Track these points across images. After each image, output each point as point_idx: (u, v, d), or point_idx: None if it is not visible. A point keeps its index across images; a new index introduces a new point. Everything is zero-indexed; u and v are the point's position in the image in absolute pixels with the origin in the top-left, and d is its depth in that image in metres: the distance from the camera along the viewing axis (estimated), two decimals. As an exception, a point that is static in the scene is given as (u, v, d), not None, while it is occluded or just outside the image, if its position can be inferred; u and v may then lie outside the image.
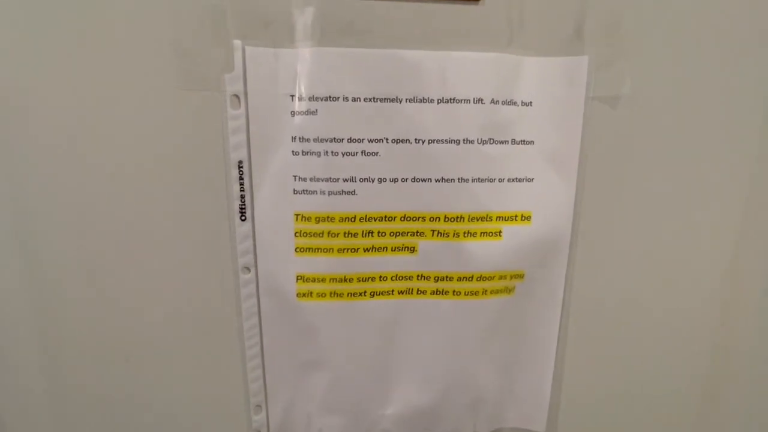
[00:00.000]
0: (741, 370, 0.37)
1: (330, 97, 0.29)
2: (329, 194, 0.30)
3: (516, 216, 0.32)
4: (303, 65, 0.28)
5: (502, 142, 0.31)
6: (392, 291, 0.33)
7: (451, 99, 0.29)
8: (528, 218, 0.32)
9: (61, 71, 0.27)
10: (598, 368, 0.36)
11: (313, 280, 0.32)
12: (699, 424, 0.38)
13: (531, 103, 0.30)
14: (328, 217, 0.31)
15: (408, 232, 0.32)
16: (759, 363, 0.37)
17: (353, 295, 0.32)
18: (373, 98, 0.29)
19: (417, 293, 0.33)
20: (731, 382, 0.37)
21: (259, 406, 0.35)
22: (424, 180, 0.31)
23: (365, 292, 0.32)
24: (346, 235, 0.31)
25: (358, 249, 0.32)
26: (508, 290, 0.33)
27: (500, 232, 0.32)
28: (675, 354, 0.37)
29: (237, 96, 0.29)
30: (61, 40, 0.27)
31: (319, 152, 0.30)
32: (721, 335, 0.36)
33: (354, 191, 0.30)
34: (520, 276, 0.33)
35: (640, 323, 0.36)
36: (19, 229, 0.30)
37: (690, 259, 0.34)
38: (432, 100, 0.29)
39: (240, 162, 0.30)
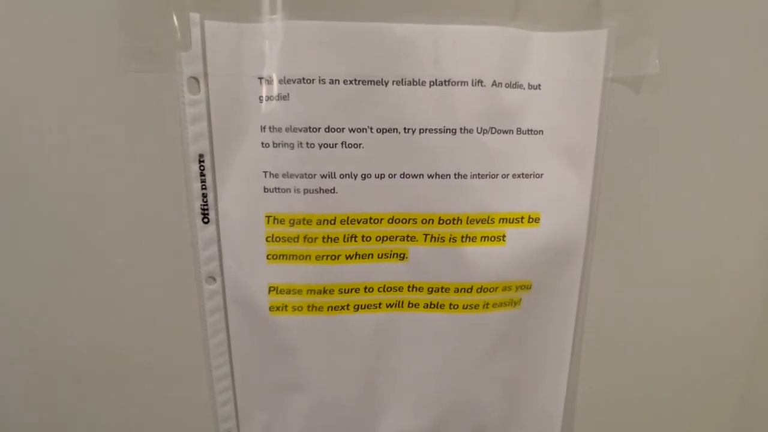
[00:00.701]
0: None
1: (304, 79, 0.25)
2: (305, 192, 0.26)
3: (522, 217, 0.28)
4: (273, 42, 0.24)
5: (505, 132, 0.26)
6: (379, 304, 0.29)
7: (446, 81, 0.25)
8: (536, 220, 0.28)
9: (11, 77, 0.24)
10: (616, 391, 0.32)
11: (288, 292, 0.28)
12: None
13: (539, 86, 0.26)
14: (304, 219, 0.27)
15: (397, 237, 0.27)
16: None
17: (334, 309, 0.28)
18: (355, 80, 0.25)
19: (408, 306, 0.29)
20: (765, 398, 0.33)
21: (229, 431, 0.31)
22: (415, 176, 0.26)
23: (348, 305, 0.28)
24: (326, 239, 0.27)
25: (339, 256, 0.27)
26: (514, 303, 0.29)
27: (504, 236, 0.28)
28: (704, 373, 0.32)
29: (196, 78, 0.25)
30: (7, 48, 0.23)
31: (293, 144, 0.25)
32: (755, 347, 0.32)
33: (334, 189, 0.26)
34: (528, 286, 0.29)
35: (664, 339, 0.31)
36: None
37: (721, 264, 0.30)
38: (424, 83, 0.25)
39: (201, 155, 0.26)
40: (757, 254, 0.30)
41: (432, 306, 0.29)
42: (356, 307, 0.28)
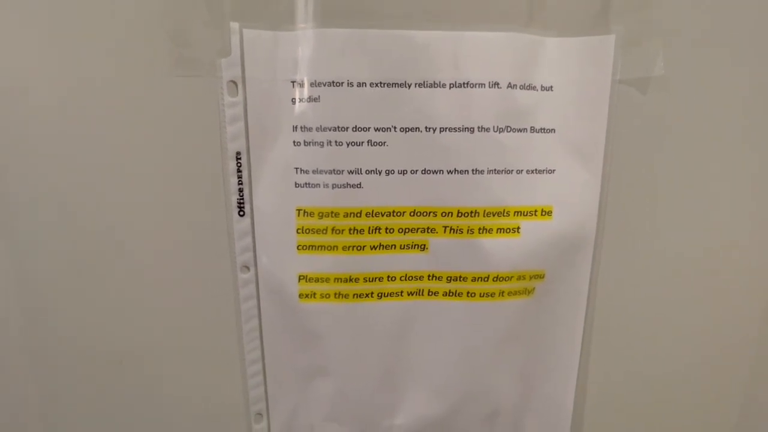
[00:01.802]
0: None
1: (333, 82, 0.27)
2: (333, 187, 0.28)
3: (536, 211, 0.29)
4: (304, 49, 0.26)
5: (520, 131, 0.28)
6: (401, 292, 0.30)
7: (464, 83, 0.27)
8: (549, 213, 0.29)
9: (50, 60, 0.26)
10: (626, 377, 0.33)
11: (317, 281, 0.30)
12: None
13: (552, 87, 0.28)
14: (332, 213, 0.29)
15: (418, 229, 0.29)
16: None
17: (359, 296, 0.30)
18: (380, 83, 0.27)
19: (428, 294, 0.31)
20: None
21: (260, 414, 0.33)
22: (435, 172, 0.28)
23: (372, 293, 0.30)
24: (352, 231, 0.29)
25: (364, 247, 0.29)
26: (527, 291, 0.31)
27: (518, 228, 0.29)
28: (714, 365, 0.33)
29: (234, 82, 0.27)
30: (49, 27, 0.25)
31: (322, 142, 0.28)
32: (761, 337, 0.33)
33: (360, 184, 0.28)
34: (541, 276, 0.30)
35: (672, 328, 0.33)
36: (6, 227, 0.29)
37: (728, 258, 0.31)
38: (444, 85, 0.27)
39: (238, 153, 0.28)
40: (762, 250, 0.31)
41: (450, 294, 0.30)
42: (380, 294, 0.30)
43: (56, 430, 0.32)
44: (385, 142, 0.28)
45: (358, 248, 0.29)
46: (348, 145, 0.28)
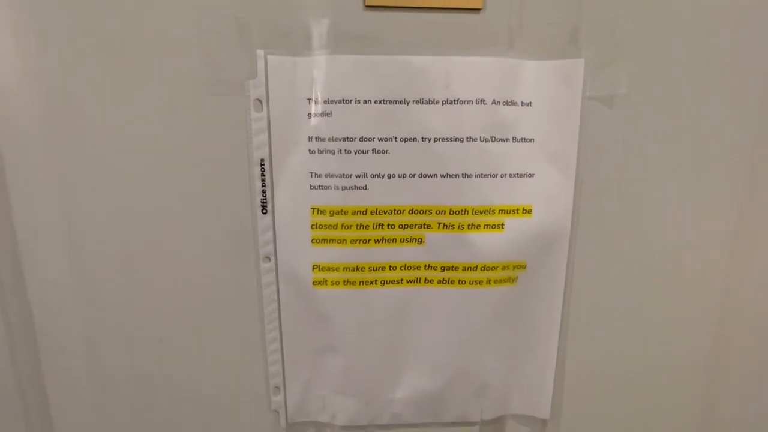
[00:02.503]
0: (739, 364, 0.38)
1: (343, 100, 0.32)
2: (343, 189, 0.33)
3: (518, 209, 0.34)
4: (319, 71, 0.31)
5: (503, 140, 0.33)
6: (401, 280, 0.35)
7: (455, 100, 0.32)
8: (529, 211, 0.34)
9: (107, 82, 0.31)
10: (600, 356, 0.38)
11: (328, 269, 0.34)
12: (702, 413, 0.39)
13: (531, 103, 0.33)
14: (341, 211, 0.33)
15: (416, 225, 0.34)
16: (757, 357, 0.38)
17: (365, 283, 0.35)
18: (383, 101, 0.32)
19: (424, 282, 0.35)
20: (730, 373, 0.38)
21: (277, 387, 0.37)
22: (430, 176, 0.33)
23: (376, 280, 0.35)
24: (358, 227, 0.34)
25: (369, 240, 0.34)
26: (511, 280, 0.35)
27: (503, 224, 0.34)
28: (675, 344, 0.38)
29: (260, 100, 0.32)
30: (106, 55, 0.30)
31: (334, 151, 0.32)
32: (721, 327, 0.37)
33: (365, 186, 0.33)
34: (523, 266, 0.35)
35: (640, 313, 0.37)
36: (65, 223, 0.33)
37: (686, 253, 0.36)
38: (437, 102, 0.32)
39: (262, 160, 0.33)
40: (716, 248, 0.36)
41: (444, 282, 0.35)
42: (382, 282, 0.35)
43: (104, 397, 0.37)
44: (387, 151, 0.32)
45: (364, 241, 0.34)
46: (355, 153, 0.32)
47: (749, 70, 0.32)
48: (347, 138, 0.32)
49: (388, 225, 0.34)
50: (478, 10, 0.31)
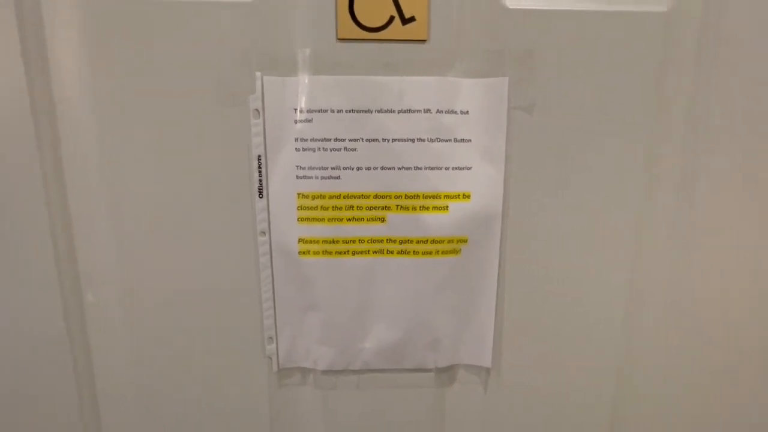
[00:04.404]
0: (649, 325, 0.47)
1: (321, 109, 0.41)
2: (321, 179, 0.42)
3: (459, 195, 0.43)
4: (302, 88, 0.41)
5: (446, 141, 0.42)
6: (368, 251, 0.44)
7: (407, 110, 0.41)
8: (468, 197, 0.43)
9: (145, 94, 0.41)
10: (531, 313, 0.47)
11: (311, 242, 0.44)
12: (616, 364, 0.48)
13: (467, 111, 0.42)
14: (320, 196, 0.43)
15: (379, 207, 0.43)
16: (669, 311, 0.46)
17: (339, 253, 0.44)
18: (352, 110, 0.41)
19: (386, 253, 0.44)
20: (643, 326, 0.47)
21: (270, 338, 0.46)
22: (389, 168, 0.42)
23: (348, 251, 0.44)
24: (334, 209, 0.43)
25: (342, 219, 0.43)
26: (456, 251, 0.44)
27: (447, 207, 0.43)
28: (592, 302, 0.46)
29: (258, 110, 0.41)
30: (144, 75, 0.40)
31: (314, 149, 0.42)
32: (631, 289, 0.46)
33: (339, 177, 0.42)
34: (465, 241, 0.44)
35: (561, 276, 0.46)
36: (110, 214, 0.43)
37: (595, 226, 0.45)
38: (394, 111, 0.41)
39: (259, 156, 0.42)
40: (622, 223, 0.44)
41: (402, 252, 0.44)
42: (353, 252, 0.44)
43: (143, 353, 0.46)
44: (356, 149, 0.42)
45: (338, 220, 0.43)
46: (331, 150, 0.42)
47: (638, 89, 0.41)
48: (325, 139, 0.41)
49: (357, 207, 0.43)
50: (425, 41, 0.40)
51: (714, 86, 0.42)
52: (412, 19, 0.40)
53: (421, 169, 0.42)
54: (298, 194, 0.43)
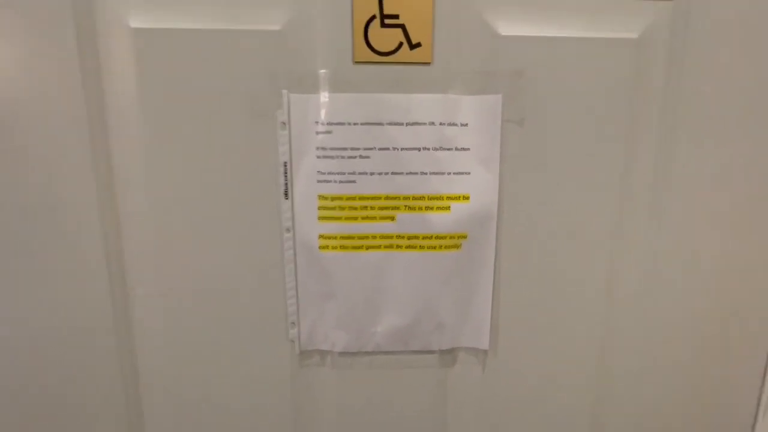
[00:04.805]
0: (628, 302, 0.53)
1: (340, 122, 0.47)
2: (339, 182, 0.48)
3: (459, 197, 0.49)
4: (323, 104, 0.47)
5: (448, 149, 0.48)
6: (380, 246, 0.50)
7: (414, 123, 0.47)
8: (468, 198, 0.49)
9: (192, 109, 0.47)
10: (524, 301, 0.53)
11: (329, 238, 0.50)
12: (600, 330, 0.54)
13: (467, 124, 0.48)
14: (338, 197, 0.49)
15: (389, 207, 0.49)
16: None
17: (355, 248, 0.50)
18: (366, 123, 0.47)
19: (396, 248, 0.50)
20: (623, 303, 0.53)
21: (293, 323, 0.52)
22: (399, 173, 0.48)
23: (362, 246, 0.50)
24: (350, 209, 0.49)
25: (357, 218, 0.49)
26: (457, 246, 0.50)
27: (449, 207, 0.49)
28: (574, 288, 0.52)
29: (284, 123, 0.47)
30: (183, 99, 0.46)
31: (333, 156, 0.48)
32: (609, 275, 0.52)
33: (355, 181, 0.48)
34: (464, 237, 0.50)
35: (548, 267, 0.52)
36: (155, 215, 0.49)
37: (577, 221, 0.51)
38: (403, 124, 0.47)
39: (285, 162, 0.48)
40: (601, 219, 0.51)
41: (410, 247, 0.50)
42: (367, 247, 0.50)
43: (180, 336, 0.52)
44: (369, 157, 0.48)
45: (354, 218, 0.49)
46: (348, 158, 0.48)
47: (614, 105, 0.48)
48: (342, 148, 0.48)
49: (370, 207, 0.49)
50: (429, 63, 0.47)
51: (681, 102, 0.48)
52: (418, 44, 0.46)
53: (426, 174, 0.48)
54: (319, 196, 0.49)
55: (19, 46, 0.44)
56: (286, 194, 0.49)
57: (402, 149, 0.48)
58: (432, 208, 0.49)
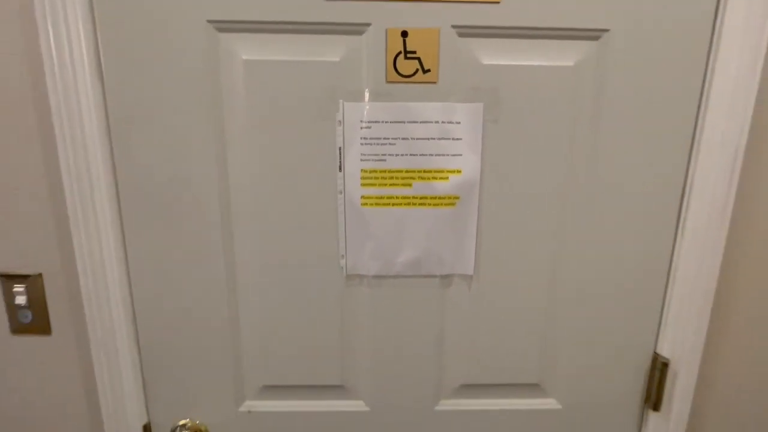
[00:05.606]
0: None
1: (376, 121, 0.72)
2: (375, 161, 0.73)
3: (454, 171, 0.74)
4: (365, 109, 0.71)
5: (447, 139, 0.73)
6: (401, 204, 0.75)
7: (426, 121, 0.72)
8: (460, 172, 0.74)
9: (273, 119, 0.71)
10: (502, 236, 0.78)
11: (368, 198, 0.75)
12: (549, 262, 0.80)
13: (460, 122, 0.72)
14: (374, 171, 0.74)
15: (408, 178, 0.74)
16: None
17: (385, 205, 0.75)
18: (394, 121, 0.72)
19: (412, 205, 0.76)
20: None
21: (342, 255, 0.78)
22: (414, 155, 0.73)
23: (390, 203, 0.75)
24: (382, 178, 0.74)
25: (386, 184, 0.74)
26: (452, 204, 0.75)
27: (448, 178, 0.74)
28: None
29: (340, 121, 0.72)
30: (264, 110, 0.71)
31: (372, 143, 0.73)
32: (561, 236, 0.77)
33: (385, 160, 0.73)
34: (458, 198, 0.75)
35: (520, 215, 0.77)
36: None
37: (534, 187, 0.75)
38: (418, 122, 0.72)
39: (340, 147, 0.73)
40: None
41: (421, 205, 0.75)
42: (393, 204, 0.75)
43: (262, 270, 0.78)
44: (395, 144, 0.73)
45: (384, 185, 0.74)
46: (380, 144, 0.73)
47: (558, 111, 0.72)
48: (377, 138, 0.72)
49: (395, 178, 0.74)
50: (435, 83, 0.71)
51: (607, 117, 0.72)
52: (428, 70, 0.70)
53: (432, 155, 0.73)
54: (362, 170, 0.74)
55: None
56: (340, 168, 0.74)
57: (417, 139, 0.72)
58: (436, 179, 0.74)
